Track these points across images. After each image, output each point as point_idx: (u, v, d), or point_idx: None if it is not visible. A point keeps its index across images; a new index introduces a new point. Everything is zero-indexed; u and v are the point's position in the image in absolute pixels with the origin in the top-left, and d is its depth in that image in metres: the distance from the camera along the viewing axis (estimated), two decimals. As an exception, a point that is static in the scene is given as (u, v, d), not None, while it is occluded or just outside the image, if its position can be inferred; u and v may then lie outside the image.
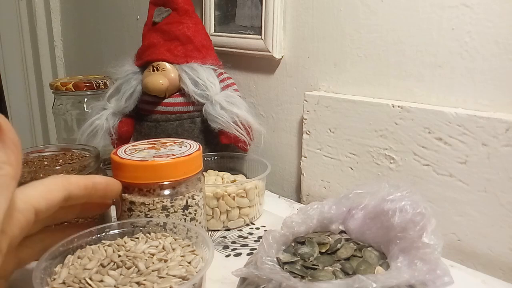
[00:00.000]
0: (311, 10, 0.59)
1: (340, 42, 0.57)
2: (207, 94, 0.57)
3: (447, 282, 0.31)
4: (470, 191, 0.45)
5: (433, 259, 0.32)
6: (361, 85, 0.56)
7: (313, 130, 0.60)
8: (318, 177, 0.60)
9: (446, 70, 0.47)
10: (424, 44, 0.48)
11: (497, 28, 0.43)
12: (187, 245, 0.37)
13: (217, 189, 0.50)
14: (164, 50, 0.59)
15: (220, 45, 0.69)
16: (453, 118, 0.45)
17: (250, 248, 0.47)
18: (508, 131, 0.42)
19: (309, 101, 0.59)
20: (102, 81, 0.74)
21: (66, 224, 0.41)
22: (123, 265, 0.33)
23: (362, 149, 0.54)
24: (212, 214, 0.51)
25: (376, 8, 0.52)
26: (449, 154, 0.46)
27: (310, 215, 0.39)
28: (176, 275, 0.32)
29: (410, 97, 0.51)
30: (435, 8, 0.47)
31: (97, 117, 0.60)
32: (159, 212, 0.40)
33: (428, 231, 0.33)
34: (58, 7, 1.20)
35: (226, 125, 0.56)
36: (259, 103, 0.70)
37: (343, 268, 0.34)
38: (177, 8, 0.61)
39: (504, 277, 0.43)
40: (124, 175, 0.41)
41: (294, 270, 0.33)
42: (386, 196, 0.36)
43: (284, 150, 0.67)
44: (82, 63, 1.18)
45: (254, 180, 0.53)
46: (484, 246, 0.45)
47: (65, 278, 0.32)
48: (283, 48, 0.64)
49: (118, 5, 0.98)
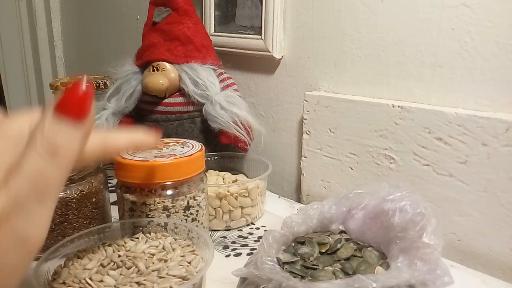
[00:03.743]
0: (311, 10, 0.59)
1: (340, 42, 0.57)
2: (207, 94, 0.58)
3: (447, 282, 0.31)
4: (470, 191, 0.45)
5: (433, 259, 0.32)
6: (361, 85, 0.56)
7: (313, 130, 0.60)
8: (318, 177, 0.60)
9: (446, 70, 0.47)
10: (424, 44, 0.48)
11: (497, 28, 0.43)
12: (187, 245, 0.37)
13: (220, 189, 0.50)
14: (164, 50, 0.59)
15: (220, 45, 0.69)
16: (453, 118, 0.45)
17: (250, 248, 0.47)
18: (508, 131, 0.42)
19: (309, 101, 0.59)
20: (102, 81, 0.74)
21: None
22: (123, 265, 0.33)
23: (362, 149, 0.54)
24: (214, 214, 0.51)
25: (376, 8, 0.52)
26: (449, 154, 0.46)
27: (310, 215, 0.39)
28: (176, 275, 0.32)
29: (410, 97, 0.51)
30: (435, 8, 0.47)
31: (97, 117, 0.60)
32: (160, 213, 0.40)
33: (428, 231, 0.33)
34: (58, 7, 1.20)
35: (226, 125, 0.56)
36: (259, 103, 0.70)
37: (343, 268, 0.34)
38: (177, 8, 0.61)
39: (504, 277, 0.44)
40: (126, 175, 0.41)
41: (294, 270, 0.33)
42: (386, 196, 0.36)
43: (284, 150, 0.67)
44: (82, 63, 1.18)
45: (256, 179, 0.53)
46: (484, 246, 0.45)
47: (65, 278, 0.32)
48: (283, 48, 0.64)
49: (118, 5, 0.98)
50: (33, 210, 0.20)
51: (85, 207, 0.45)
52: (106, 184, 0.49)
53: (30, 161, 0.20)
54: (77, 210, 0.44)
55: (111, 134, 0.29)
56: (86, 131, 0.22)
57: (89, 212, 0.45)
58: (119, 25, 0.99)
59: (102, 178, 0.48)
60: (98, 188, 0.47)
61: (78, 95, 0.22)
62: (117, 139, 0.28)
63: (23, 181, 0.20)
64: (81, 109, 0.21)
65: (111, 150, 0.28)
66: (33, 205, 0.20)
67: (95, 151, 0.26)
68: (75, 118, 0.21)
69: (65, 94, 0.21)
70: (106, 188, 0.49)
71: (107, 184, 0.49)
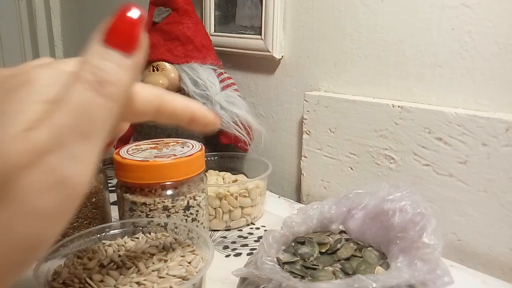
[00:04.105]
0: (311, 10, 0.59)
1: (340, 42, 0.57)
2: (207, 94, 0.58)
3: (447, 282, 0.31)
4: (470, 191, 0.45)
5: (433, 259, 0.32)
6: (361, 85, 0.56)
7: (313, 130, 0.60)
8: (318, 177, 0.60)
9: (446, 70, 0.47)
10: (424, 44, 0.48)
11: (497, 28, 0.43)
12: (187, 245, 0.37)
13: (220, 189, 0.51)
14: (164, 50, 0.59)
15: (220, 45, 0.69)
16: (453, 118, 0.45)
17: (250, 248, 0.47)
18: (508, 131, 0.42)
19: (309, 101, 0.59)
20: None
21: None
22: (123, 265, 0.33)
23: (362, 149, 0.54)
24: (214, 214, 0.51)
25: (376, 8, 0.52)
26: (449, 154, 0.46)
27: (310, 215, 0.39)
28: (176, 275, 0.32)
29: (410, 97, 0.51)
30: (435, 8, 0.47)
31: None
32: (160, 213, 0.40)
33: (428, 231, 0.33)
34: (58, 7, 1.20)
35: (226, 125, 0.56)
36: (259, 103, 0.70)
37: (343, 268, 0.34)
38: (177, 8, 0.61)
39: (504, 277, 0.43)
40: (126, 175, 0.41)
41: (294, 270, 0.33)
42: (386, 196, 0.36)
43: (284, 150, 0.67)
44: (82, 63, 1.18)
45: (256, 179, 0.53)
46: (484, 246, 0.45)
47: (65, 278, 0.32)
48: (283, 48, 0.64)
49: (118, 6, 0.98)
50: (77, 148, 0.17)
51: (85, 207, 0.45)
52: (106, 184, 0.49)
53: (75, 92, 0.17)
54: (77, 210, 0.44)
55: (170, 94, 0.26)
56: (137, 62, 0.20)
57: (89, 212, 0.45)
58: (119, 25, 0.99)
59: (102, 178, 0.48)
60: (98, 188, 0.47)
61: (128, 21, 0.19)
62: (176, 100, 0.25)
63: (66, 114, 0.17)
64: (131, 36, 0.19)
65: (167, 108, 0.25)
66: (77, 142, 0.17)
67: (151, 101, 0.24)
68: (125, 46, 0.19)
69: (114, 20, 0.19)
70: (106, 188, 0.49)
71: (107, 184, 0.49)
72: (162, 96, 0.24)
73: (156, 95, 0.24)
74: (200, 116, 0.27)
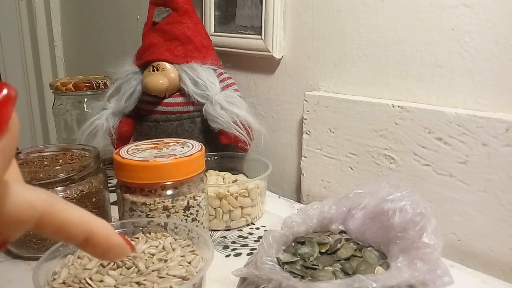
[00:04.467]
0: (311, 10, 0.59)
1: (340, 42, 0.57)
2: (207, 94, 0.58)
3: (447, 282, 0.31)
4: (470, 191, 0.45)
5: (433, 259, 0.32)
6: (361, 85, 0.56)
7: (313, 130, 0.60)
8: (318, 177, 0.60)
9: (446, 70, 0.47)
10: (424, 44, 0.48)
11: (497, 28, 0.43)
12: (187, 245, 0.37)
13: (220, 189, 0.51)
14: (164, 50, 0.59)
15: (220, 45, 0.69)
16: (453, 118, 0.45)
17: (250, 248, 0.47)
18: (508, 131, 0.42)
19: (309, 101, 0.59)
20: (102, 81, 0.74)
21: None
22: (123, 265, 0.33)
23: (362, 149, 0.54)
24: (214, 214, 0.51)
25: (376, 8, 0.52)
26: (449, 154, 0.46)
27: (310, 215, 0.39)
28: (176, 275, 0.32)
29: (410, 97, 0.51)
30: (435, 8, 0.47)
31: (97, 117, 0.60)
32: (160, 213, 0.40)
33: (428, 231, 0.33)
34: (58, 7, 1.20)
35: (226, 125, 0.56)
36: (259, 103, 0.70)
37: (343, 268, 0.34)
38: (177, 8, 0.61)
39: (504, 277, 0.44)
40: (126, 175, 0.41)
41: (294, 270, 0.33)
42: (386, 196, 0.36)
43: (284, 150, 0.67)
44: (82, 63, 1.18)
45: (256, 179, 0.53)
46: (484, 246, 0.45)
47: (65, 278, 0.32)
48: (283, 48, 0.64)
49: (118, 5, 0.98)
50: None
51: (85, 207, 0.45)
52: (106, 184, 0.49)
53: None
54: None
55: (66, 203, 0.21)
56: (4, 146, 0.16)
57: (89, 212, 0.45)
58: (119, 25, 0.99)
59: (102, 178, 0.48)
60: (98, 188, 0.47)
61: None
62: (71, 210, 0.21)
63: None
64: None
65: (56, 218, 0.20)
66: None
67: (33, 205, 0.19)
68: None
69: None
70: (106, 188, 0.49)
71: (107, 184, 0.49)
72: (51, 202, 0.20)
73: (42, 200, 0.19)
74: (101, 237, 0.22)
